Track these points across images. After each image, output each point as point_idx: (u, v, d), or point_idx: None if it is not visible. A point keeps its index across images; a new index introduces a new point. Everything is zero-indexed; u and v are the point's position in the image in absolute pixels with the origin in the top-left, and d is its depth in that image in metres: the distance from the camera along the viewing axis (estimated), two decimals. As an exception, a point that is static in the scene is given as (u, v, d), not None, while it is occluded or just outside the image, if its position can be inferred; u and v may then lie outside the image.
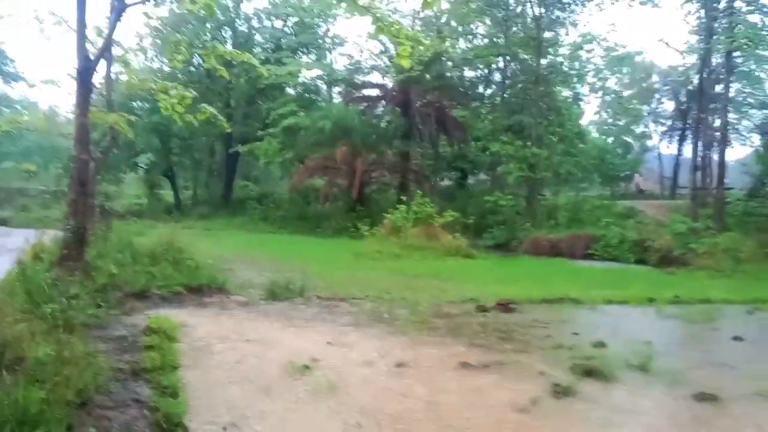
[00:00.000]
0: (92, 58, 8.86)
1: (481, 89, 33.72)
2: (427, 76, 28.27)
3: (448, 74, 30.55)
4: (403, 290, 9.46)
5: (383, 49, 32.27)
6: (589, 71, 34.14)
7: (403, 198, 23.41)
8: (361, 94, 32.25)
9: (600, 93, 40.65)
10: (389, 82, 31.92)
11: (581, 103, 36.05)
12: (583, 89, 35.22)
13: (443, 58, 28.93)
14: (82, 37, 8.90)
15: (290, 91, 33.38)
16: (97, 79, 10.99)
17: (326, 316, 7.28)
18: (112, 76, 12.56)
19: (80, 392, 3.39)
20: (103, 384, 3.70)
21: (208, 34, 32.25)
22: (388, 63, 32.05)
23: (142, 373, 4.21)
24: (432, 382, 4.84)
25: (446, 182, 33.97)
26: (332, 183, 28.12)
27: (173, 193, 35.17)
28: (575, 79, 31.77)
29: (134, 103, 29.90)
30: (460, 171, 32.61)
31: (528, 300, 8.87)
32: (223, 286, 8.37)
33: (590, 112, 49.06)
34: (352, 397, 4.32)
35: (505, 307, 8.30)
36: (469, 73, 33.08)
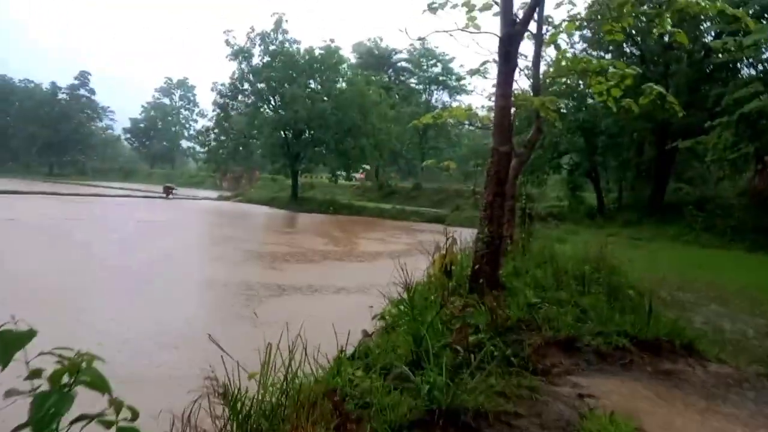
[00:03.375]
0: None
1: None
2: None
3: None
4: None
5: None
6: None
7: None
8: None
9: None
10: None
11: None
12: None
13: None
14: (508, 2, 7.20)
15: (747, 70, 26.57)
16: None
17: None
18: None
19: None
20: None
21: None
22: None
23: None
24: None
25: None
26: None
27: (596, 195, 32.61)
28: None
29: (559, 103, 28.62)
30: None
31: None
32: (691, 344, 5.30)
33: None
34: None
35: None
36: None
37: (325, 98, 40.03)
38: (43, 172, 74.89)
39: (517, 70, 9.01)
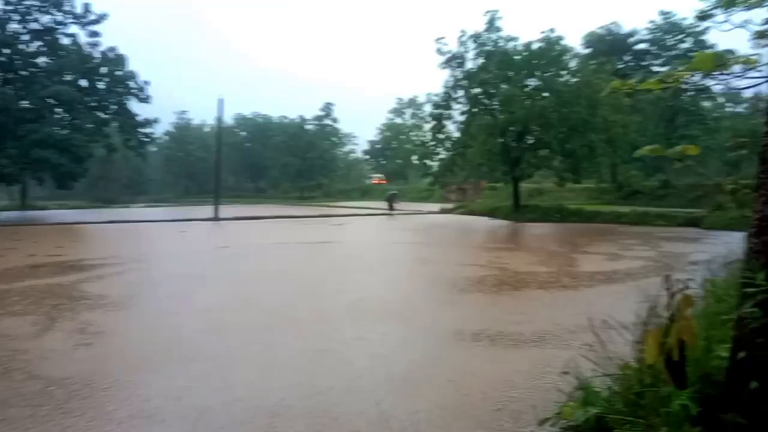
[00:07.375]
0: None
1: None
2: None
3: None
4: None
5: None
6: None
7: None
8: None
9: None
10: None
11: None
12: None
13: None
14: None
15: None
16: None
17: None
18: None
19: None
20: None
21: None
22: None
23: None
24: None
25: None
26: None
27: None
28: None
29: None
30: None
31: None
32: None
33: None
34: None
35: None
36: None
37: (545, 94, 35.97)
38: (295, 197, 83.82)
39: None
